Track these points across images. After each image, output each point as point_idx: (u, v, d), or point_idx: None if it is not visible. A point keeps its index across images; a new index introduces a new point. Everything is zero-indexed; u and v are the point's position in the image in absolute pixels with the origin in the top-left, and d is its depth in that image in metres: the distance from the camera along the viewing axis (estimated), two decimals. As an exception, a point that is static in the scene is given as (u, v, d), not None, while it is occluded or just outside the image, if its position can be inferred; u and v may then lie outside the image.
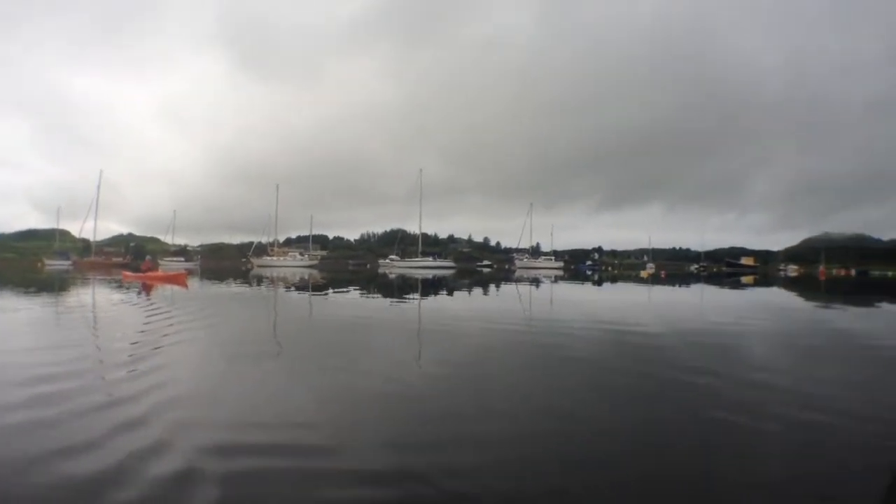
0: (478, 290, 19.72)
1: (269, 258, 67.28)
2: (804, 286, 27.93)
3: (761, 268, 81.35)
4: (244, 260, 68.99)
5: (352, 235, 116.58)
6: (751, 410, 3.60)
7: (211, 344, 6.60)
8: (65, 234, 78.04)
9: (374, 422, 3.41)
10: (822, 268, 73.01)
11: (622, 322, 9.02)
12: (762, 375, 4.78)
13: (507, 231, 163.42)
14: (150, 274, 24.56)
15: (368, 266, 65.87)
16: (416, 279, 29.97)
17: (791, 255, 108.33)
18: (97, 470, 2.49)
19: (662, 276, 45.20)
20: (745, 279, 38.46)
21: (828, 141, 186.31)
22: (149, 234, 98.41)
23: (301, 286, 21.61)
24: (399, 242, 74.13)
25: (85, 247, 72.27)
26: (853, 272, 59.71)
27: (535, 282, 27.90)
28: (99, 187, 66.61)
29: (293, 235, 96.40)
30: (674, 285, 25.96)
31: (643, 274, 48.36)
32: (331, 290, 18.83)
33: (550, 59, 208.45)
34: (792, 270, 72.09)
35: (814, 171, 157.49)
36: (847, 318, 11.71)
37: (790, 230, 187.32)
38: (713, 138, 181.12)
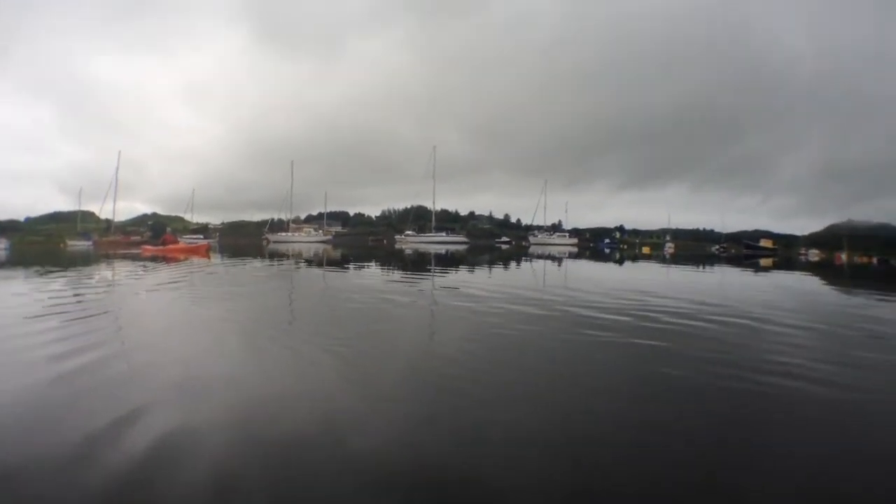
0: (486, 264, 20.67)
1: (284, 234, 69.54)
2: (822, 271, 27.59)
3: (782, 251, 80.00)
4: (262, 237, 70.33)
5: (374, 212, 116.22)
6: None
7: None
8: (89, 216, 79.67)
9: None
10: (837, 254, 72.42)
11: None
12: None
13: (529, 208, 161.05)
14: (171, 247, 25.43)
15: (385, 241, 66.92)
16: (430, 253, 31.29)
17: (814, 240, 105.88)
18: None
19: (669, 253, 44.37)
20: (763, 262, 37.34)
21: (858, 128, 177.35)
22: (173, 214, 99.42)
23: (304, 260, 21.53)
24: (417, 219, 74.45)
25: (107, 227, 73.82)
26: (875, 260, 58.94)
27: (547, 258, 28.28)
28: (118, 168, 68.67)
29: (315, 212, 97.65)
30: (693, 265, 25.13)
31: (645, 250, 49.18)
32: (308, 264, 19.02)
33: (577, 35, 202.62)
34: (813, 255, 70.23)
35: (843, 159, 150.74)
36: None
37: (815, 216, 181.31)
38: (741, 120, 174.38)
